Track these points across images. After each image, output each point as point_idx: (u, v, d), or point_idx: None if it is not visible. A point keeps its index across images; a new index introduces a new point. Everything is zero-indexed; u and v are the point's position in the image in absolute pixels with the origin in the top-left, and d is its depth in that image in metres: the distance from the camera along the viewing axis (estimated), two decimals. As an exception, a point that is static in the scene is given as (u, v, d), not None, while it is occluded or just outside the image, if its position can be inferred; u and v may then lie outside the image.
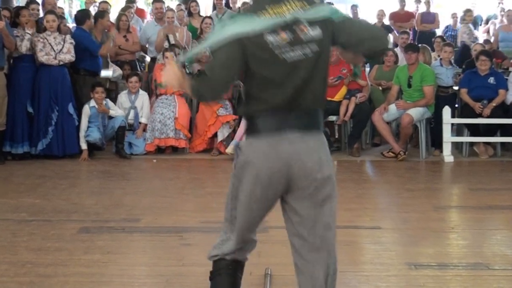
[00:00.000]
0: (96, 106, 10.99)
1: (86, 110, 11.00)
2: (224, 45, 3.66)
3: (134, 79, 11.62)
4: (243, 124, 10.83)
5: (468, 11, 16.09)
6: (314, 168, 3.79)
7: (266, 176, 3.76)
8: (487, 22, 17.30)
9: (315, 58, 3.74)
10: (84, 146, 11.00)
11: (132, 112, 11.50)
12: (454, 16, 17.53)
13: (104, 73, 11.99)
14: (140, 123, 11.62)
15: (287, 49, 3.68)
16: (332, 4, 15.56)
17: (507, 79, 11.86)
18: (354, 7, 16.52)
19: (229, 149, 10.69)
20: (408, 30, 15.16)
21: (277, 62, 3.68)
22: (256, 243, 4.29)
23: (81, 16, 12.14)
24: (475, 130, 11.58)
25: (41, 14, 12.30)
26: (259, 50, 3.67)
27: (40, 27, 11.29)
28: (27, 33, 10.81)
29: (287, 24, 3.68)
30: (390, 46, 3.79)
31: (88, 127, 10.97)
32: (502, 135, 11.59)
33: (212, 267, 4.24)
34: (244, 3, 15.78)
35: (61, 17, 11.98)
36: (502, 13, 16.47)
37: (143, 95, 11.74)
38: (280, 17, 3.67)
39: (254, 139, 3.79)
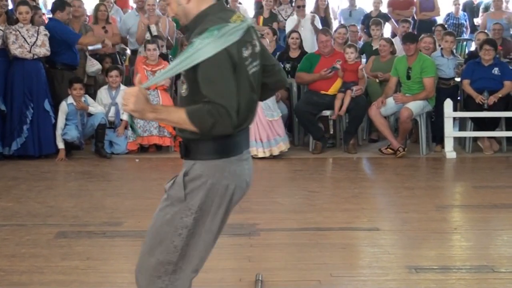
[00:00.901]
0: (74, 103, 10.97)
1: (63, 107, 10.97)
2: (223, 67, 3.57)
3: (114, 73, 11.58)
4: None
5: None
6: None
7: (237, 197, 3.87)
8: (486, 9, 17.31)
9: (260, 71, 3.84)
10: (61, 145, 10.99)
11: (112, 109, 11.47)
12: (456, 3, 17.57)
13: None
14: (121, 120, 11.51)
15: (251, 62, 3.73)
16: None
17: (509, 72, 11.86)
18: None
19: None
20: (408, 18, 15.17)
21: (247, 77, 3.71)
22: None
23: (56, 6, 11.98)
24: (479, 124, 11.63)
25: (11, 5, 12.30)
26: (240, 65, 3.65)
27: (11, 19, 11.28)
28: None
29: (249, 37, 3.74)
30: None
31: (66, 125, 10.94)
32: (507, 129, 11.61)
33: None
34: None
35: (35, 7, 11.93)
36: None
37: (123, 90, 11.60)
38: (244, 25, 3.67)
39: (225, 162, 3.79)
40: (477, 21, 16.23)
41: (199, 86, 3.57)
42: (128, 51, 13.96)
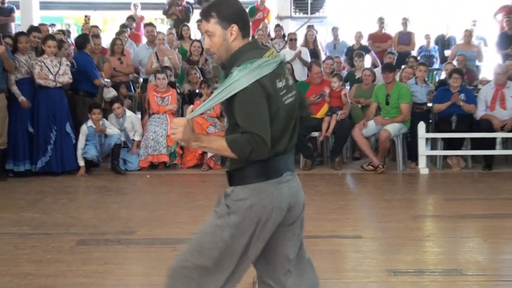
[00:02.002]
0: (94, 126, 11.00)
1: (84, 129, 10.99)
2: (257, 97, 3.57)
3: (116, 105, 11.55)
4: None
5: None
6: (302, 206, 3.92)
7: (276, 219, 3.77)
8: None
9: (294, 105, 3.79)
10: (81, 163, 11.01)
11: (122, 134, 11.47)
12: (427, 37, 17.61)
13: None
14: (133, 140, 11.61)
15: (284, 94, 3.71)
16: (312, 26, 15.88)
17: (476, 95, 11.92)
18: (334, 29, 16.56)
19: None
20: (393, 50, 15.20)
21: (283, 106, 3.68)
22: None
23: (82, 41, 12.11)
24: (448, 143, 11.64)
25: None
26: (275, 95, 3.63)
27: (38, 51, 11.32)
28: (24, 57, 10.90)
29: (281, 71, 3.73)
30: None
31: (86, 145, 10.97)
32: (472, 148, 11.64)
33: None
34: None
35: (61, 41, 11.96)
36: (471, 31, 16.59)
37: (130, 116, 11.73)
38: (277, 59, 3.68)
39: (263, 186, 3.74)
40: (447, 52, 16.23)
41: (236, 117, 3.60)
42: (141, 80, 13.96)
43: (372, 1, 18.40)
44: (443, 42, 17.17)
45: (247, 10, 17.20)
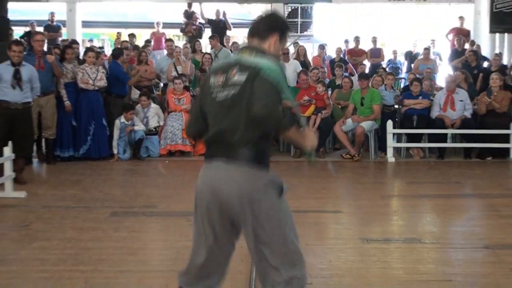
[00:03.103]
0: (126, 122, 11.12)
1: (117, 124, 11.08)
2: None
3: (143, 98, 11.73)
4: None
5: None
6: (233, 195, 3.30)
7: (202, 196, 3.45)
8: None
9: (233, 100, 3.28)
10: (115, 151, 11.07)
11: (144, 120, 11.55)
12: (394, 52, 17.66)
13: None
14: (158, 126, 11.75)
15: (219, 89, 3.34)
16: (297, 42, 15.87)
17: (432, 99, 11.98)
18: (321, 46, 16.55)
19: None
20: (363, 62, 15.26)
21: (211, 101, 3.37)
22: (222, 278, 3.63)
23: (117, 53, 12.27)
24: (410, 137, 11.72)
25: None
26: (205, 88, 3.44)
27: (80, 60, 11.38)
28: (70, 65, 10.95)
29: (227, 68, 3.36)
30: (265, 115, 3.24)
31: (118, 144, 11.14)
32: (429, 141, 11.70)
33: None
34: (234, 43, 15.83)
35: (98, 52, 12.02)
36: (430, 48, 16.63)
37: (154, 107, 11.84)
38: (231, 58, 3.46)
39: (203, 167, 3.48)
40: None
41: None
42: (161, 84, 13.94)
43: (350, 23, 18.38)
44: (411, 57, 17.23)
45: (247, 30, 17.17)
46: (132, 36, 16.26)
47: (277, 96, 3.31)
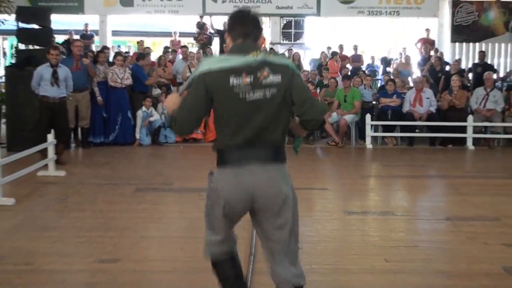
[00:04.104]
0: (146, 110, 11.12)
1: (139, 113, 11.06)
2: (194, 88, 2.85)
3: (163, 96, 11.68)
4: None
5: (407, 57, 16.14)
6: (275, 195, 2.90)
7: (230, 200, 2.90)
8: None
9: (272, 100, 2.83)
10: (137, 136, 11.08)
11: (162, 116, 11.41)
12: (372, 58, 17.63)
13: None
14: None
15: (248, 90, 2.80)
16: (291, 49, 15.86)
17: (404, 97, 11.97)
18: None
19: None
20: (346, 66, 15.21)
21: (238, 101, 2.81)
22: (236, 238, 3.26)
23: (139, 57, 12.26)
24: (385, 128, 11.74)
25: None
26: (224, 90, 2.81)
27: (109, 63, 11.38)
28: (102, 67, 10.99)
29: (252, 69, 2.81)
30: (319, 120, 2.93)
31: (141, 132, 11.12)
32: (401, 132, 11.66)
33: (212, 265, 3.23)
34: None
35: (125, 57, 11.99)
36: (401, 56, 16.62)
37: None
38: (249, 59, 2.83)
39: (222, 170, 2.94)
40: (388, 69, 16.26)
41: None
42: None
43: (335, 33, 18.35)
44: (386, 62, 17.22)
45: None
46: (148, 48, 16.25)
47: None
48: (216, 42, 16.96)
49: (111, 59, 12.05)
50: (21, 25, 10.44)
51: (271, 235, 2.98)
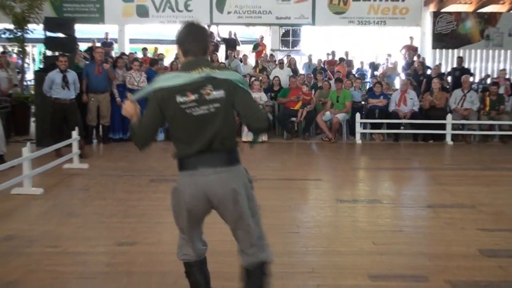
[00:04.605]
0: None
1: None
2: (149, 105, 2.83)
3: None
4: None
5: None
6: (225, 193, 2.83)
7: (188, 200, 2.85)
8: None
9: (217, 113, 2.77)
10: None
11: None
12: (361, 63, 17.58)
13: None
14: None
15: (194, 106, 2.75)
16: (289, 55, 15.82)
17: (389, 98, 11.93)
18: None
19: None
20: (341, 70, 15.18)
21: (185, 117, 2.77)
22: (207, 243, 3.21)
23: (153, 62, 12.28)
24: (373, 125, 11.67)
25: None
26: (172, 108, 2.76)
27: (127, 67, 11.36)
28: (120, 71, 10.98)
29: (197, 86, 2.75)
30: (262, 127, 2.91)
31: None
32: (387, 128, 11.62)
33: (184, 266, 3.17)
34: (244, 55, 15.77)
35: (141, 63, 11.96)
36: (387, 61, 16.58)
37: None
38: (194, 76, 2.76)
39: (182, 174, 2.89)
40: (376, 73, 16.21)
41: None
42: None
43: (328, 41, 18.30)
44: (374, 66, 17.18)
45: (252, 46, 17.41)
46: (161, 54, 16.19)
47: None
48: (222, 48, 16.92)
49: (128, 64, 12.02)
50: (48, 34, 10.43)
51: (233, 226, 2.97)
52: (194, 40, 2.87)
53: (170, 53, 17.69)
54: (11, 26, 13.24)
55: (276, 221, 5.41)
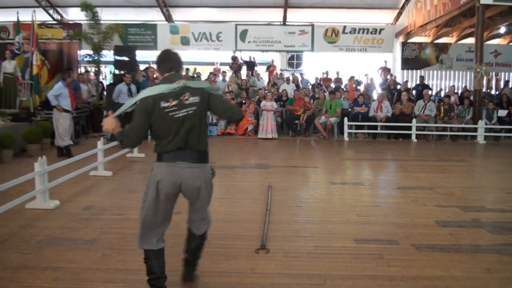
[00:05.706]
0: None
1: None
2: (137, 112, 2.69)
3: None
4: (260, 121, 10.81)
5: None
6: (194, 186, 2.77)
7: (165, 185, 2.72)
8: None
9: (194, 115, 2.72)
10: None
11: (210, 117, 11.28)
12: (351, 79, 17.36)
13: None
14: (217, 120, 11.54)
15: (175, 110, 2.67)
16: (294, 74, 15.66)
17: (369, 106, 11.74)
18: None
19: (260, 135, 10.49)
20: (331, 85, 15.00)
21: (168, 119, 2.67)
22: (165, 241, 2.96)
23: (193, 78, 12.12)
24: (358, 127, 11.51)
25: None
26: (157, 112, 2.67)
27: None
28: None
29: (176, 93, 2.68)
30: (240, 117, 2.97)
31: None
32: (368, 129, 11.48)
33: (144, 255, 2.91)
34: (258, 74, 15.68)
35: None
36: (367, 79, 16.35)
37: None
38: (174, 86, 2.69)
39: (160, 164, 2.74)
40: (359, 87, 15.98)
41: None
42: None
43: (323, 63, 18.10)
44: (357, 82, 16.95)
45: (265, 67, 17.35)
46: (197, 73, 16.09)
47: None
48: (244, 69, 16.88)
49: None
50: (117, 57, 10.51)
51: (193, 207, 2.93)
52: (173, 60, 2.83)
53: (205, 72, 17.68)
54: (91, 52, 13.41)
55: (284, 197, 5.40)
